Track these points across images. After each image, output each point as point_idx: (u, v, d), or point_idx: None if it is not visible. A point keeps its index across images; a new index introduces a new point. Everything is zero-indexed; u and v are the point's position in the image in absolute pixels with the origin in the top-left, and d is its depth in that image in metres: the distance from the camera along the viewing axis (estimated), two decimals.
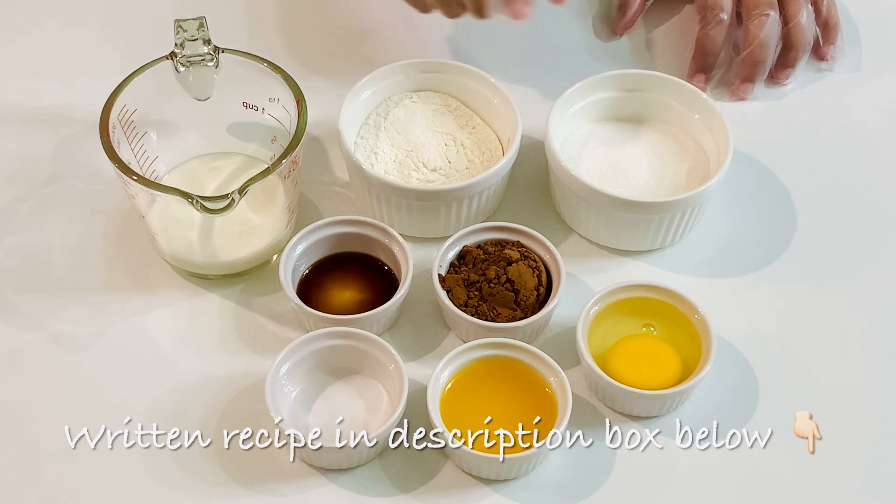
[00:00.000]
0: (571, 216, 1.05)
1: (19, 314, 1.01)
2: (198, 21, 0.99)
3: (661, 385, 0.95)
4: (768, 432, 0.96)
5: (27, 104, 1.13)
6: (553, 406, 0.94)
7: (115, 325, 1.00)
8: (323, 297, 1.00)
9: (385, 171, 1.04)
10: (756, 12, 1.12)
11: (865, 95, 1.16)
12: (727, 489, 0.94)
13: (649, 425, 0.96)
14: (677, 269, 1.04)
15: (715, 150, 1.06)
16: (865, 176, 1.11)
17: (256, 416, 0.94)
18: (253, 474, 0.93)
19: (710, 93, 1.13)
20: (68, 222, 1.06)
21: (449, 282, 0.99)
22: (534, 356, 0.95)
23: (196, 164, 1.06)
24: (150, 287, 1.02)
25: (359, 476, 0.94)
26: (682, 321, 0.98)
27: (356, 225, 1.02)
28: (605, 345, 0.98)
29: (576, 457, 0.94)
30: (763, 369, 0.99)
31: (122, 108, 0.99)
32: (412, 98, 1.08)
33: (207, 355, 0.99)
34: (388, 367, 0.95)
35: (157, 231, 1.01)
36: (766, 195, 1.09)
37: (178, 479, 0.93)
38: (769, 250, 1.05)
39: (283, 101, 1.01)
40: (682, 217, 1.02)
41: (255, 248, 1.02)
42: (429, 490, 0.93)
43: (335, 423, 0.94)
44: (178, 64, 1.00)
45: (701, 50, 1.14)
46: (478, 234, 1.02)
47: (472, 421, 0.93)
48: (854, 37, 1.19)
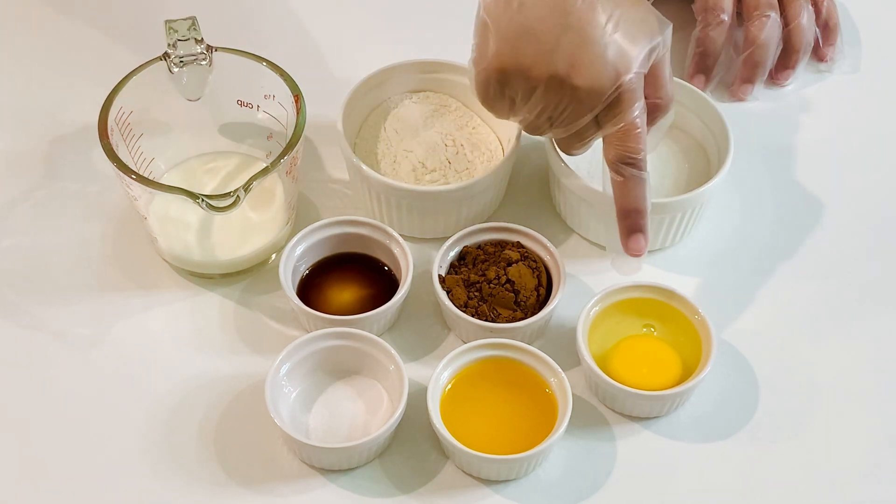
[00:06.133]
0: (571, 216, 1.05)
1: (19, 314, 1.01)
2: (188, 21, 1.00)
3: (662, 386, 0.95)
4: (768, 432, 0.96)
5: (20, 105, 1.13)
6: (553, 406, 0.94)
7: (115, 325, 1.00)
8: (323, 297, 1.00)
9: (385, 172, 1.04)
10: (756, 13, 1.13)
11: (865, 96, 1.16)
12: (727, 489, 0.94)
13: (649, 426, 0.96)
14: (677, 269, 1.04)
15: (715, 150, 1.06)
16: (865, 176, 1.11)
17: (256, 416, 0.94)
18: (253, 474, 0.93)
19: (710, 93, 1.13)
20: (66, 223, 1.06)
21: (449, 282, 0.99)
22: (534, 357, 0.95)
23: (194, 163, 1.06)
24: (150, 287, 1.02)
25: (359, 476, 0.93)
26: (683, 322, 0.98)
27: (356, 225, 1.02)
28: (606, 345, 0.98)
29: (576, 457, 0.94)
30: (763, 369, 0.99)
31: (118, 111, 0.99)
32: (412, 98, 1.08)
33: (207, 355, 0.99)
34: (388, 367, 0.95)
35: (157, 231, 1.01)
36: (766, 196, 1.09)
37: (178, 479, 0.93)
38: (769, 250, 1.05)
39: (279, 97, 1.01)
40: (683, 217, 1.02)
41: (254, 247, 1.02)
42: (429, 490, 0.93)
43: (335, 424, 0.94)
44: (171, 65, 1.00)
45: (701, 51, 1.14)
46: (478, 235, 1.02)
47: (472, 421, 0.93)
48: (854, 38, 1.19)
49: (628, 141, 0.93)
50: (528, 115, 0.94)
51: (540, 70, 0.90)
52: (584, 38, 0.90)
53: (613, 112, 0.92)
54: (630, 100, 0.91)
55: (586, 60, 0.90)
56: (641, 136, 0.93)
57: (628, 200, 0.95)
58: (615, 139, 0.93)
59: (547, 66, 0.90)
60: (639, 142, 0.93)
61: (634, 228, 0.96)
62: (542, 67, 0.90)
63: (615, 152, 0.93)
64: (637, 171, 0.94)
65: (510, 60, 0.91)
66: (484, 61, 0.93)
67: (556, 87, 0.91)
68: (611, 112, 0.92)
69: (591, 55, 0.90)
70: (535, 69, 0.91)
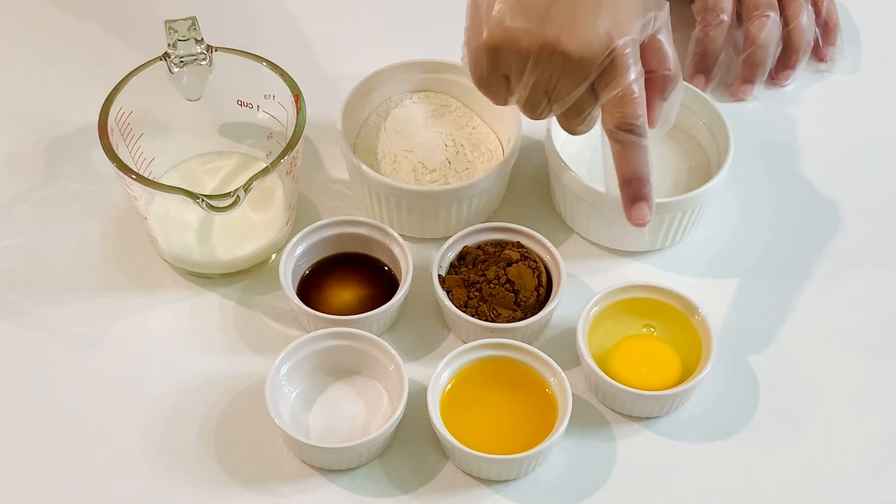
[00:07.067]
0: (571, 216, 1.05)
1: (19, 314, 1.01)
2: (188, 21, 1.00)
3: (662, 385, 0.95)
4: (768, 432, 0.96)
5: (20, 105, 1.13)
6: (553, 406, 0.94)
7: (115, 325, 1.00)
8: (323, 297, 1.00)
9: (385, 172, 1.04)
10: (756, 13, 1.13)
11: (865, 97, 1.16)
12: (727, 489, 0.94)
13: (649, 426, 0.96)
14: (677, 269, 1.04)
15: (715, 150, 1.06)
16: (865, 176, 1.11)
17: (256, 416, 0.94)
18: (253, 474, 0.93)
19: (709, 94, 1.13)
20: (66, 224, 1.06)
21: (449, 282, 0.99)
22: (534, 357, 0.95)
23: (194, 163, 1.06)
24: (150, 287, 1.02)
25: (359, 476, 0.93)
26: (683, 321, 0.98)
27: (356, 225, 1.02)
28: (606, 345, 0.98)
29: (576, 457, 0.94)
30: (763, 369, 0.99)
31: (118, 111, 0.99)
32: (412, 98, 1.08)
33: (207, 355, 0.99)
34: (388, 367, 0.95)
35: (157, 231, 1.01)
36: (766, 196, 1.09)
37: (179, 479, 0.93)
38: (769, 250, 1.05)
39: (279, 97, 1.01)
40: (683, 217, 1.02)
41: (255, 247, 1.02)
42: (429, 490, 0.93)
43: (335, 424, 0.94)
44: (171, 65, 1.00)
45: (701, 51, 1.14)
46: (478, 235, 1.02)
47: (472, 421, 0.93)
48: (854, 38, 1.19)
49: (625, 107, 0.91)
50: (523, 91, 0.92)
51: (531, 40, 0.89)
52: (574, 6, 0.89)
53: (608, 78, 0.90)
54: (624, 65, 0.90)
55: (577, 27, 0.89)
56: (639, 102, 0.91)
57: (629, 168, 0.94)
58: (612, 106, 0.91)
59: (537, 35, 0.89)
60: (636, 107, 0.91)
61: (637, 197, 0.94)
62: (532, 37, 0.89)
63: (613, 119, 0.92)
64: (636, 138, 0.92)
65: (500, 34, 0.90)
66: (475, 40, 0.92)
67: (548, 57, 0.89)
68: (605, 79, 0.90)
69: (581, 22, 0.89)
70: (526, 39, 0.89)
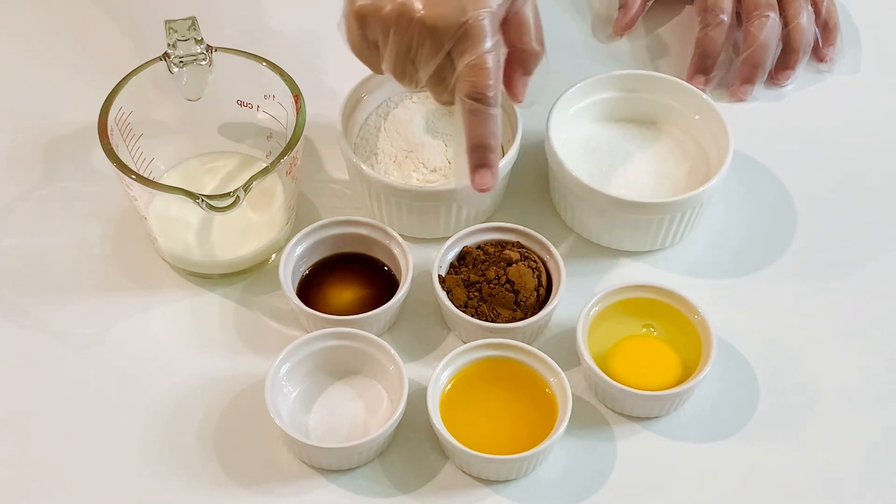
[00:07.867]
0: (572, 217, 1.05)
1: (19, 314, 1.01)
2: (188, 21, 1.00)
3: (662, 386, 0.95)
4: (768, 432, 0.96)
5: (20, 105, 1.13)
6: (553, 407, 0.94)
7: (115, 325, 1.00)
8: (323, 297, 1.00)
9: (385, 172, 1.04)
10: (756, 14, 1.13)
11: (865, 97, 1.16)
12: (727, 489, 0.94)
13: (649, 426, 0.96)
14: (677, 269, 1.04)
15: (715, 150, 1.06)
16: (865, 177, 1.11)
17: (256, 416, 0.94)
18: (252, 474, 0.93)
19: (709, 94, 1.13)
20: (66, 224, 1.06)
21: (449, 282, 0.99)
22: (534, 357, 0.95)
23: (194, 163, 1.06)
24: (150, 287, 1.02)
25: (359, 476, 0.93)
26: (682, 322, 0.98)
27: (356, 225, 1.02)
28: (606, 345, 0.98)
29: (576, 457, 0.94)
30: (763, 369, 0.99)
31: (118, 111, 0.99)
32: (412, 98, 1.08)
33: (207, 355, 0.99)
34: (387, 367, 0.95)
35: (157, 231, 1.01)
36: (765, 196, 1.09)
37: (178, 479, 0.93)
38: (769, 250, 1.05)
39: (279, 97, 1.01)
40: (682, 217, 1.02)
41: (254, 247, 1.02)
42: (429, 490, 0.93)
43: (335, 424, 0.94)
44: (171, 65, 1.00)
45: (701, 51, 1.14)
46: (478, 235, 1.02)
47: (472, 421, 0.93)
48: (854, 38, 1.19)
49: (477, 76, 0.94)
50: (390, 57, 0.97)
51: (392, 8, 0.94)
52: None
53: (463, 47, 0.94)
54: (479, 35, 0.94)
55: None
56: (491, 72, 0.95)
57: (477, 135, 0.96)
58: (465, 74, 0.95)
59: (399, 4, 0.94)
60: (488, 77, 0.95)
61: (482, 163, 0.97)
62: (394, 5, 0.94)
63: (465, 87, 0.95)
64: (485, 107, 0.95)
65: (366, 2, 0.95)
66: (348, 9, 0.97)
67: (406, 24, 0.94)
68: (460, 47, 0.94)
69: None
70: (388, 7, 0.94)
